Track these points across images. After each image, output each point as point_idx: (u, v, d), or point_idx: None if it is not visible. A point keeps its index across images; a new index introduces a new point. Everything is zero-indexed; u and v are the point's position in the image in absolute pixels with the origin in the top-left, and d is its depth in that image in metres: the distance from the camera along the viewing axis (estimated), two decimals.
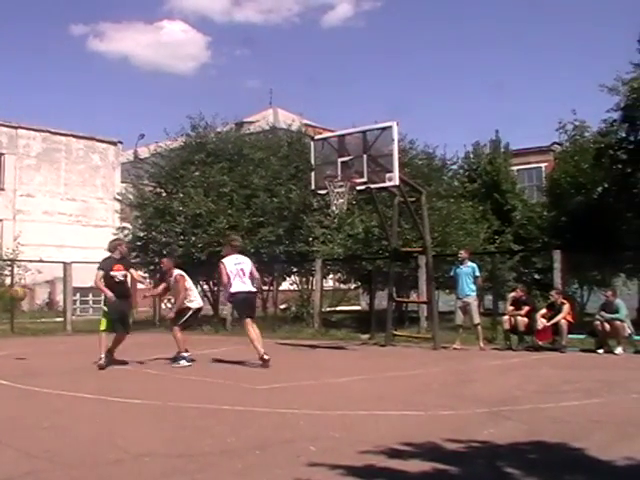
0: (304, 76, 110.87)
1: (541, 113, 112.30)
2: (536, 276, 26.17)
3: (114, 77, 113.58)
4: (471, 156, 31.89)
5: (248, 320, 13.17)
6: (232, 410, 8.36)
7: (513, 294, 17.01)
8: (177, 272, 14.13)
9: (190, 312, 13.90)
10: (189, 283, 14.26)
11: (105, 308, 13.00)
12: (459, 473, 5.62)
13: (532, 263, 26.13)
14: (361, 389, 10.40)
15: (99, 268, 12.87)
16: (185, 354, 13.31)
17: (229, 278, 13.13)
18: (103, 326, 12.86)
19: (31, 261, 28.13)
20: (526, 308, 16.12)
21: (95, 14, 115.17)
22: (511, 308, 16.37)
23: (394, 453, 6.07)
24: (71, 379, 11.27)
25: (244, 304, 13.40)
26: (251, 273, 13.33)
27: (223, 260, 13.44)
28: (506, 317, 16.26)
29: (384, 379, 11.53)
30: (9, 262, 27.22)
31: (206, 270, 24.77)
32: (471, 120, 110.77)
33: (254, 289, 13.52)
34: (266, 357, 12.66)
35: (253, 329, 13.07)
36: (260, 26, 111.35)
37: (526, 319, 15.90)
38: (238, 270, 13.16)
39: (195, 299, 14.24)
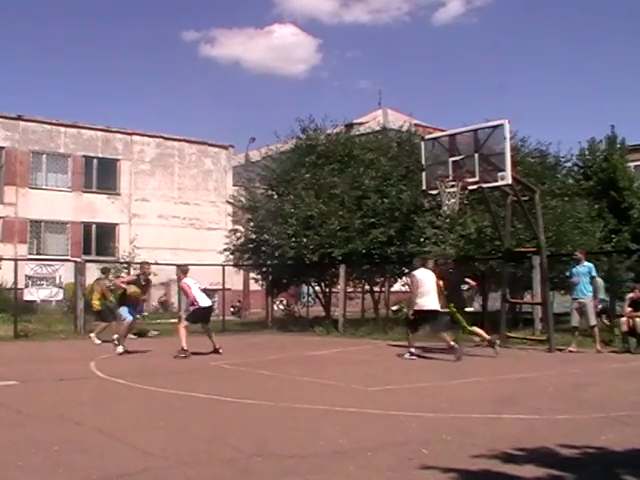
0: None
1: None
2: None
3: (225, 81, 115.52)
4: (586, 153, 31.13)
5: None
6: (344, 412, 8.38)
7: (631, 295, 16.52)
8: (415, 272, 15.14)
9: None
10: (418, 283, 14.81)
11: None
12: None
13: None
14: (474, 392, 10.29)
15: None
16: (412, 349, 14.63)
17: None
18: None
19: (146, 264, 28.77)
20: None
21: (206, 21, 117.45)
22: (629, 309, 15.93)
23: (508, 457, 5.98)
24: (186, 379, 11.50)
25: None
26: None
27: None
28: (624, 319, 15.85)
29: (497, 382, 11.39)
30: (125, 264, 27.98)
31: (317, 272, 24.98)
32: (586, 116, 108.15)
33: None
34: None
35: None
36: (369, 26, 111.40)
37: None
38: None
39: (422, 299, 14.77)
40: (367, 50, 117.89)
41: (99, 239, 38.96)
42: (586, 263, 16.32)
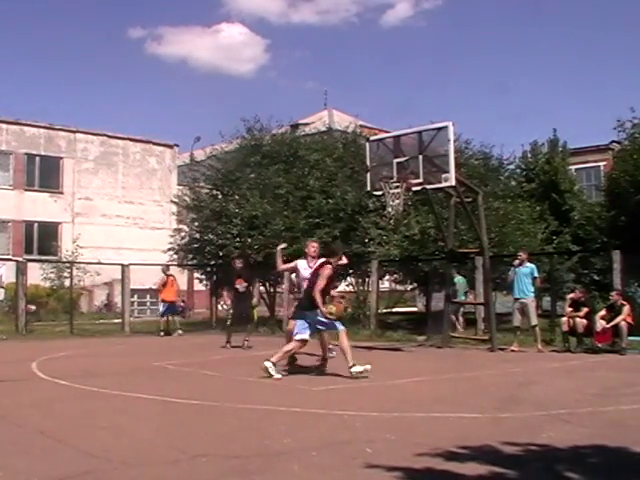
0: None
1: (599, 111, 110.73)
2: (595, 277, 25.71)
3: (172, 80, 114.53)
4: (528, 155, 31.55)
5: None
6: (288, 411, 8.38)
7: (572, 295, 16.80)
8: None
9: None
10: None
11: None
12: (517, 477, 5.55)
13: (591, 264, 25.75)
14: (418, 391, 10.36)
15: None
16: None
17: None
18: None
19: (89, 263, 28.56)
20: (585, 309, 15.92)
21: (153, 18, 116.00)
22: (570, 309, 16.19)
23: (451, 456, 6.03)
24: (130, 380, 11.41)
25: None
26: None
27: None
28: (565, 319, 16.09)
29: (441, 381, 11.48)
30: (68, 264, 27.66)
31: (262, 272, 24.92)
32: (528, 119, 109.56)
33: None
34: None
35: None
36: (317, 27, 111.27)
37: (585, 321, 15.70)
38: None
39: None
40: (315, 51, 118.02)
41: (41, 238, 38.47)
42: (528, 264, 16.54)
